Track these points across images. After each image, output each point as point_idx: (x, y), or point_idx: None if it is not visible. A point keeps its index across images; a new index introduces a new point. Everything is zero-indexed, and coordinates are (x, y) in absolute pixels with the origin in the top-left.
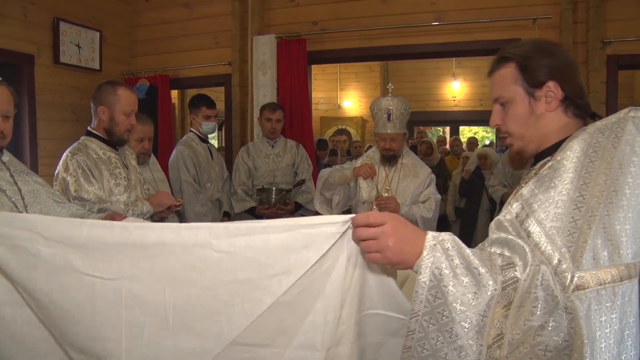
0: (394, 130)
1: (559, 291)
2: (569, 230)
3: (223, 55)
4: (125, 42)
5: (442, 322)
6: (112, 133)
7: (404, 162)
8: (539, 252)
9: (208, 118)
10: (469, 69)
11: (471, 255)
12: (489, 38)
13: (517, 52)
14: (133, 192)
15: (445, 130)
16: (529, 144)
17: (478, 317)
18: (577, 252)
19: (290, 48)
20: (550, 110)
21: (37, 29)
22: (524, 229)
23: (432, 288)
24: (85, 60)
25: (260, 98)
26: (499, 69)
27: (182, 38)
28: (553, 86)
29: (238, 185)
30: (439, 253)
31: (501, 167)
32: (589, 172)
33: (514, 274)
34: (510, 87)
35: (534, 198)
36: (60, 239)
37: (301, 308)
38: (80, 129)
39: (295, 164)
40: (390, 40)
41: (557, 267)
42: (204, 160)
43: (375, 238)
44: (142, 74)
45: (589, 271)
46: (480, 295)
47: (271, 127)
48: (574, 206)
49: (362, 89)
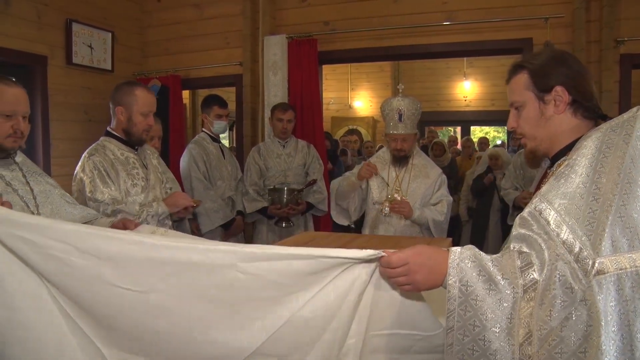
0: (405, 130)
1: (577, 281)
2: (589, 220)
3: (234, 56)
4: (137, 43)
5: (475, 332)
6: (130, 133)
7: (414, 163)
8: (560, 242)
9: (220, 117)
10: (480, 69)
11: (492, 266)
12: (500, 38)
13: (529, 60)
14: (151, 192)
15: (456, 130)
16: (541, 143)
17: (506, 320)
18: (597, 240)
19: (301, 48)
20: (558, 113)
21: (50, 30)
22: (544, 217)
23: (461, 303)
24: (97, 61)
25: (271, 98)
26: (514, 77)
27: (193, 38)
28: (561, 90)
29: (250, 185)
30: (463, 271)
31: (512, 169)
32: (603, 166)
33: (532, 275)
34: (522, 92)
35: (553, 192)
36: (92, 252)
37: (319, 325)
38: (92, 129)
39: (307, 164)
40: (401, 40)
41: (578, 255)
42: (215, 159)
43: (404, 275)
44: (153, 74)
45: (609, 257)
46: (505, 300)
47: (282, 127)
48: (592, 198)
49: (373, 89)
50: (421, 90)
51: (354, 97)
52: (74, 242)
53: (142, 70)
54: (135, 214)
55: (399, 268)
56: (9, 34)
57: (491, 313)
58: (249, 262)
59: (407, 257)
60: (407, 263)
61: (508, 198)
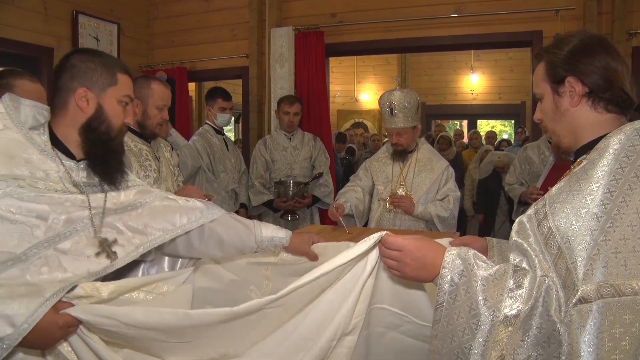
0: (398, 124)
1: (558, 309)
2: (585, 241)
3: (240, 48)
4: (143, 35)
5: (452, 346)
6: (144, 126)
7: (419, 157)
8: (552, 263)
9: (223, 110)
10: (488, 62)
11: (478, 287)
12: (510, 30)
13: (548, 49)
14: (163, 183)
15: (463, 124)
16: (562, 138)
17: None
18: (588, 264)
19: (308, 40)
20: (573, 106)
21: (57, 22)
22: (541, 232)
23: (446, 316)
24: None
25: (277, 90)
26: (537, 67)
27: (200, 30)
28: (573, 81)
29: (255, 178)
30: (453, 283)
31: (517, 163)
32: (616, 179)
33: (519, 302)
34: (540, 84)
35: (559, 197)
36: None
37: (334, 309)
38: None
39: (313, 157)
40: (409, 32)
41: (566, 279)
42: (219, 151)
43: (395, 260)
44: (159, 66)
45: (597, 284)
46: (482, 322)
47: (289, 120)
48: (594, 216)
49: (379, 82)
50: (428, 84)
51: (360, 90)
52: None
53: (148, 63)
54: None
55: (393, 252)
56: (15, 25)
57: (468, 333)
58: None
59: (404, 246)
60: (402, 250)
61: (514, 193)
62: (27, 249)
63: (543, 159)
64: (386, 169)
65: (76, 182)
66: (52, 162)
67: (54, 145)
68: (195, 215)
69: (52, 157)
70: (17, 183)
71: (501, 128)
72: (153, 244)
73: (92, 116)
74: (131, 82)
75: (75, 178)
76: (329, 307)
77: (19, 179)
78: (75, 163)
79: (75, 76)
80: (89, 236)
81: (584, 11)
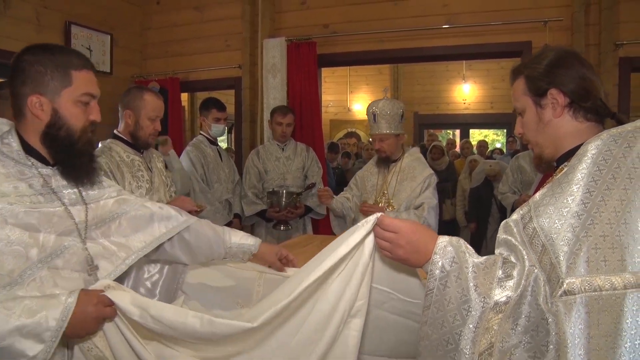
0: (379, 130)
1: (542, 300)
2: (567, 237)
3: (233, 58)
4: (136, 45)
5: (442, 331)
6: (136, 137)
7: (402, 166)
8: (536, 259)
9: (218, 120)
10: (480, 72)
11: (469, 274)
12: (500, 41)
13: (525, 64)
14: (155, 194)
15: (456, 133)
16: (544, 149)
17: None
18: (571, 258)
19: (301, 51)
20: (556, 116)
21: (49, 32)
22: (527, 233)
23: (436, 302)
24: (96, 64)
25: (270, 101)
26: (514, 82)
27: (193, 41)
28: (555, 93)
29: (248, 188)
30: (444, 270)
31: (509, 172)
32: (594, 180)
33: (508, 290)
34: (521, 98)
35: (542, 201)
36: (163, 321)
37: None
38: None
39: (306, 167)
40: (402, 43)
41: (551, 272)
42: (213, 162)
43: (388, 241)
44: (152, 76)
45: (582, 277)
46: (473, 309)
47: (282, 131)
48: (575, 214)
49: (372, 92)
50: (420, 93)
51: (352, 99)
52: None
53: (141, 73)
54: None
55: (388, 233)
56: (8, 35)
57: (458, 320)
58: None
59: (400, 228)
60: (397, 232)
61: (507, 202)
62: (22, 271)
63: (535, 168)
64: (372, 178)
65: (55, 189)
66: (29, 171)
67: (27, 153)
68: (171, 224)
69: (28, 167)
70: (7, 200)
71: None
72: (138, 256)
73: (49, 123)
74: (92, 76)
75: (54, 185)
76: (335, 297)
77: (5, 196)
78: (51, 169)
79: (25, 82)
80: (77, 252)
81: (571, 22)
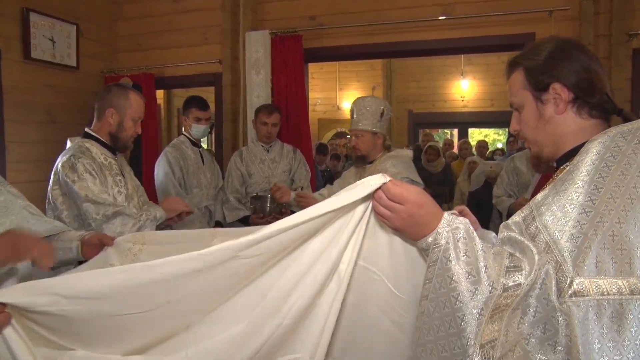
0: (355, 126)
1: (554, 296)
2: (573, 234)
3: (213, 53)
4: (106, 37)
5: (445, 311)
6: (117, 138)
7: (377, 168)
8: (544, 255)
9: (199, 121)
10: (479, 67)
11: (479, 252)
12: (501, 33)
13: (525, 55)
14: (132, 200)
15: (453, 133)
16: (544, 148)
17: (475, 313)
18: (579, 257)
19: (286, 45)
20: (559, 113)
21: (4, 20)
22: (529, 233)
23: (438, 276)
24: (60, 57)
25: (253, 99)
26: (511, 75)
27: (168, 33)
28: (559, 88)
29: (230, 192)
30: (449, 242)
31: (504, 175)
32: (602, 177)
33: (517, 278)
34: (519, 92)
35: (544, 200)
36: (81, 295)
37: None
38: (57, 132)
39: (292, 170)
40: (394, 36)
41: (557, 271)
42: (193, 165)
43: (391, 211)
44: (124, 72)
45: (590, 278)
46: (480, 292)
47: (267, 131)
48: (582, 210)
49: (363, 89)
50: (415, 90)
51: (342, 97)
52: (59, 291)
53: (111, 68)
54: (135, 217)
55: (393, 203)
56: None
57: (462, 300)
58: (249, 248)
59: (408, 200)
60: (404, 204)
61: (502, 206)
62: None
63: (531, 169)
64: (351, 179)
65: None
66: None
67: None
68: None
69: None
70: None
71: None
72: None
73: None
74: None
75: None
76: (311, 258)
77: None
78: None
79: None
80: None
81: (579, 11)
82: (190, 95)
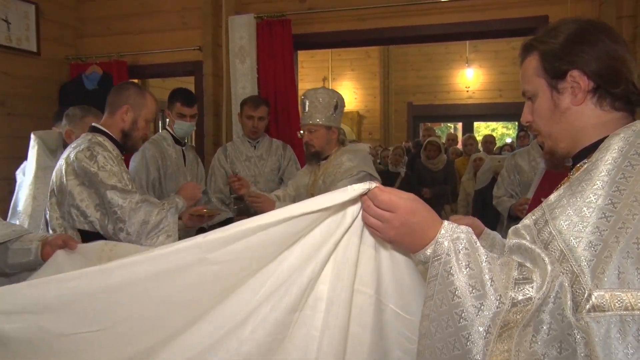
0: (308, 120)
1: (570, 311)
2: (591, 242)
3: (192, 39)
4: (70, 19)
5: (447, 332)
6: (129, 136)
7: (334, 164)
8: (557, 266)
9: (182, 117)
10: (486, 54)
11: (484, 264)
12: (510, 16)
13: (541, 38)
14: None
15: (457, 127)
16: (559, 142)
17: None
18: (599, 267)
19: (273, 30)
20: (576, 104)
21: None
22: (541, 239)
23: (439, 293)
24: (17, 40)
25: (238, 90)
26: (524, 60)
27: (143, 17)
28: (578, 76)
29: (213, 192)
30: (450, 253)
31: (505, 173)
32: (625, 177)
33: (528, 291)
34: (533, 79)
35: (559, 202)
36: (23, 309)
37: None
38: (13, 125)
39: (281, 168)
40: (392, 20)
41: (573, 282)
42: (173, 165)
43: (381, 220)
44: (92, 59)
45: (612, 291)
46: (486, 307)
47: (253, 125)
48: (601, 215)
49: (358, 79)
50: (415, 80)
51: (335, 88)
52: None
53: (77, 54)
54: (159, 206)
55: (382, 211)
56: None
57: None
58: (217, 250)
59: (399, 207)
60: (395, 212)
61: (502, 207)
62: None
63: (534, 167)
64: (305, 177)
65: None
66: None
67: None
68: None
69: None
70: None
71: (503, 131)
72: None
73: None
74: None
75: None
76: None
77: None
78: None
79: None
80: None
81: None
82: (176, 88)
